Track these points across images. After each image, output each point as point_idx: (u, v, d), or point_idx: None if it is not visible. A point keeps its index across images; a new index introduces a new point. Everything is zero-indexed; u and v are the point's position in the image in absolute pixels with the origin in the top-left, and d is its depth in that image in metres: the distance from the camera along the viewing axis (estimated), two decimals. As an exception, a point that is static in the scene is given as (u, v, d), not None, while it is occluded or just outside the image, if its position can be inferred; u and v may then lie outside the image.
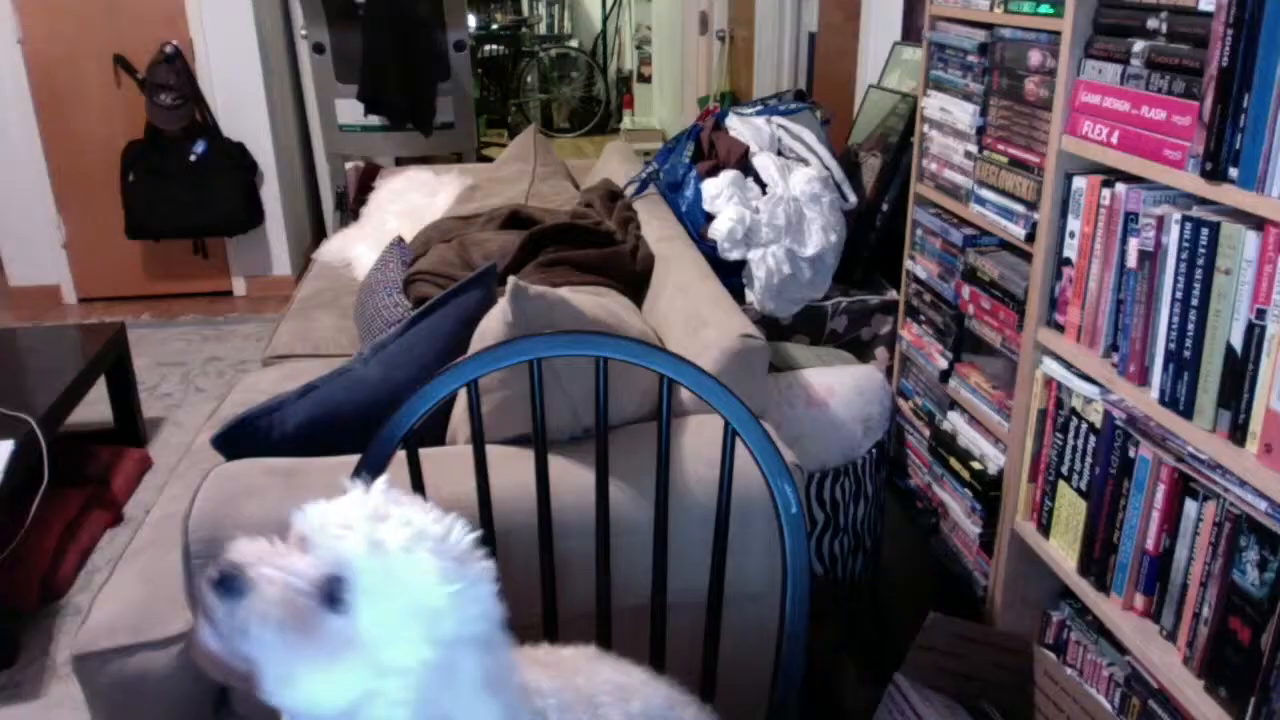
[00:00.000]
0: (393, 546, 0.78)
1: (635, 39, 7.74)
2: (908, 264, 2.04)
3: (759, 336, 1.61)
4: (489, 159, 4.29)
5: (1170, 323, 1.19)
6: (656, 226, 2.27)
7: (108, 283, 4.49)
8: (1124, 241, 1.29)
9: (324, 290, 2.73)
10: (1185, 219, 1.15)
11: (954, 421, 1.89)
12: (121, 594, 1.49)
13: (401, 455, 1.17)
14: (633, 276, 2.11)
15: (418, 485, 1.18)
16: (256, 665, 0.74)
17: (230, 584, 0.74)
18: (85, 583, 2.45)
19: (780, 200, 2.22)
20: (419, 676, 0.77)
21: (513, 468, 1.38)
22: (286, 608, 0.74)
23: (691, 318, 1.74)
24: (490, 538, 1.20)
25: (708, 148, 2.47)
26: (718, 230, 2.21)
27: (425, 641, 0.77)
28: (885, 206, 2.33)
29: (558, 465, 1.41)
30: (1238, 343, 1.09)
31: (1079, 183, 1.38)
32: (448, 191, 3.01)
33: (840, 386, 2.07)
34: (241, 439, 1.50)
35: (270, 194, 4.42)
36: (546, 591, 1.21)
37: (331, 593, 0.76)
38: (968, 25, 1.77)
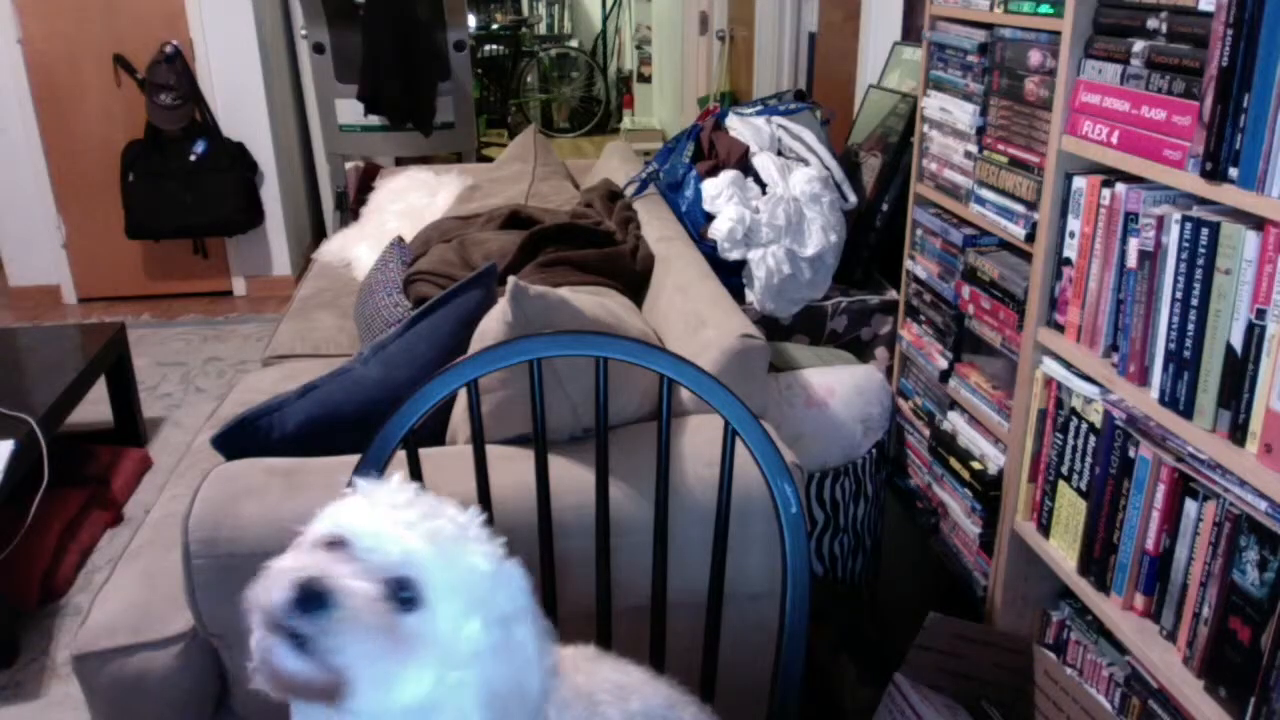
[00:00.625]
0: (447, 539, 0.81)
1: (635, 39, 7.74)
2: (908, 264, 2.04)
3: (759, 336, 1.61)
4: (489, 159, 4.29)
5: (1170, 323, 1.19)
6: (656, 226, 2.27)
7: (108, 283, 4.49)
8: (1124, 241, 1.29)
9: (324, 290, 2.73)
10: (1185, 219, 1.15)
11: (954, 421, 1.89)
12: (121, 594, 1.49)
13: (401, 455, 1.17)
14: (633, 276, 2.11)
15: (418, 485, 1.18)
16: (346, 676, 0.75)
17: (315, 600, 0.74)
18: (85, 583, 2.45)
19: (780, 200, 2.22)
20: (483, 657, 0.80)
21: (513, 468, 1.38)
22: (373, 614, 0.75)
23: (691, 318, 1.74)
24: (490, 538, 1.20)
25: (708, 148, 2.47)
26: (718, 230, 2.21)
27: (485, 623, 0.81)
28: (885, 206, 2.33)
29: (558, 465, 1.41)
30: (1238, 343, 1.09)
31: (1079, 183, 1.38)
32: (448, 191, 3.01)
33: (840, 386, 2.07)
34: (241, 439, 1.50)
35: (270, 194, 4.42)
36: (546, 591, 1.21)
37: (397, 593, 0.78)
38: (968, 25, 1.77)
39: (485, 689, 0.80)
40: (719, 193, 2.26)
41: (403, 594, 0.77)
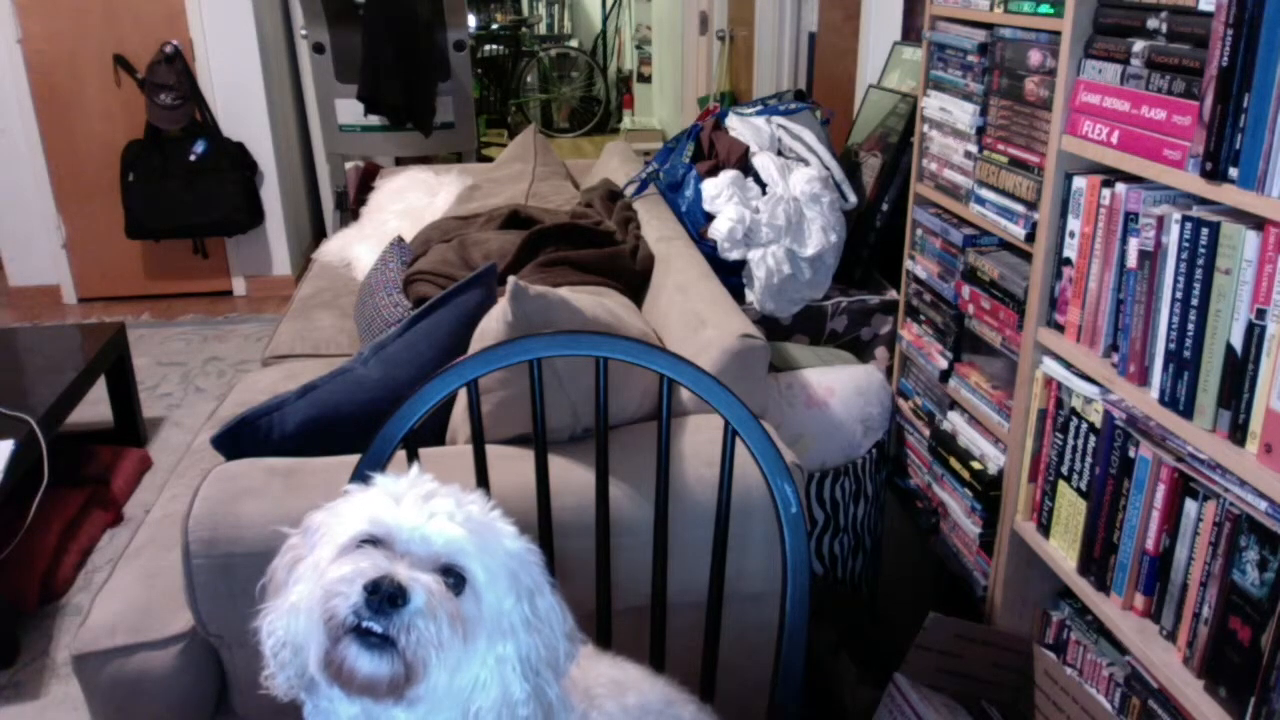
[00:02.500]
0: (479, 524, 0.84)
1: (635, 39, 7.74)
2: (908, 264, 2.05)
3: (759, 336, 1.61)
4: (489, 159, 4.29)
5: (1170, 323, 1.19)
6: (656, 226, 2.27)
7: (108, 283, 4.49)
8: (1124, 241, 1.29)
9: (324, 290, 2.73)
10: (1185, 219, 1.15)
11: (954, 421, 1.89)
12: (121, 594, 1.49)
13: (401, 455, 1.17)
14: (633, 276, 2.11)
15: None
16: (422, 668, 0.77)
17: (390, 599, 0.76)
18: (85, 583, 2.45)
19: (780, 200, 2.22)
20: (518, 630, 0.84)
21: (513, 468, 1.38)
22: (443, 604, 0.79)
23: (691, 318, 1.74)
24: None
25: (708, 148, 2.47)
26: (718, 230, 2.21)
27: (519, 598, 0.85)
28: (885, 206, 2.33)
29: (558, 465, 1.41)
30: (1238, 343, 1.09)
31: (1079, 183, 1.38)
32: (448, 191, 3.01)
33: (840, 386, 2.07)
34: (241, 439, 1.50)
35: (270, 194, 4.42)
36: (546, 591, 1.21)
37: (446, 580, 0.81)
38: (968, 25, 1.77)
39: (522, 660, 0.84)
40: (719, 193, 2.26)
41: (448, 580, 0.81)
